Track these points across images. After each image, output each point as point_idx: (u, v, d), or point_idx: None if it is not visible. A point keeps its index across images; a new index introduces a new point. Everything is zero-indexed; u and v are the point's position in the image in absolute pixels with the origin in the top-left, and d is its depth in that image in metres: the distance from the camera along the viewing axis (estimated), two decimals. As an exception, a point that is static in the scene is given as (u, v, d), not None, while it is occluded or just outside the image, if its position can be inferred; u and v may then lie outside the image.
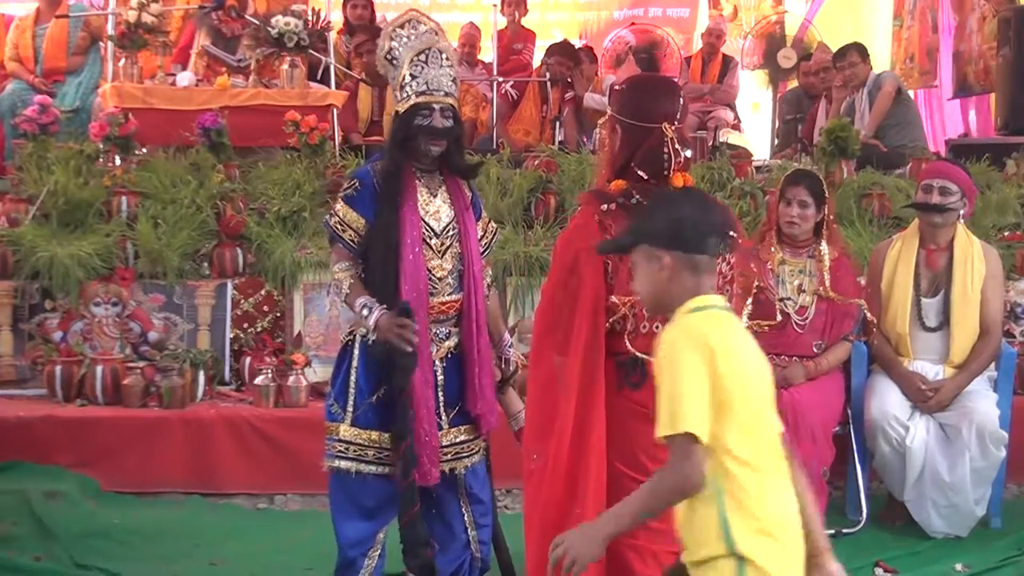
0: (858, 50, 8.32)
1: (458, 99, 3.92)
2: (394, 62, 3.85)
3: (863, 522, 5.07)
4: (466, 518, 4.01)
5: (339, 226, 3.81)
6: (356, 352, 3.84)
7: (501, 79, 8.77)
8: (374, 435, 3.80)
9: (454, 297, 3.87)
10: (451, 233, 3.86)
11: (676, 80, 4.00)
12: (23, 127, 6.77)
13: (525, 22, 10.06)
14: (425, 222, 3.81)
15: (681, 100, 3.39)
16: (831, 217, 5.14)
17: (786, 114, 9.61)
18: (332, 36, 8.02)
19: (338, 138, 7.35)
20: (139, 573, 4.45)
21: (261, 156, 7.02)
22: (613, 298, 3.26)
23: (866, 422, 5.03)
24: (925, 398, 4.95)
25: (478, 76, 9.39)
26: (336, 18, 8.68)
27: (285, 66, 7.38)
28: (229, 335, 6.04)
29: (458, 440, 3.93)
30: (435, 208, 3.86)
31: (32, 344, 5.89)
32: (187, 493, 5.30)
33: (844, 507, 5.23)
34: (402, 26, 3.90)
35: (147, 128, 6.92)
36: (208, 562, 4.57)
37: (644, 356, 3.24)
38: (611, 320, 3.26)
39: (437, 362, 3.87)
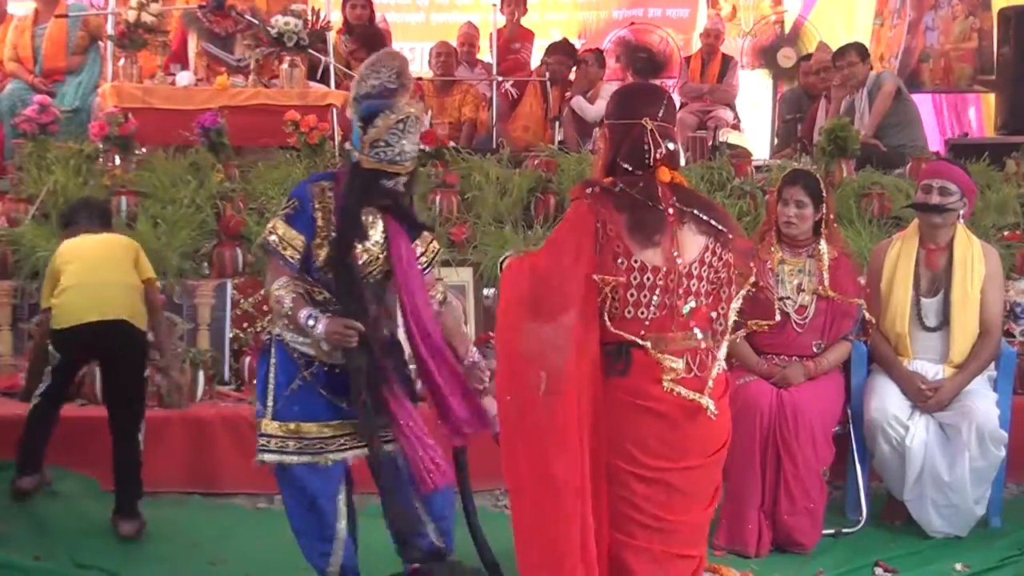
0: (857, 50, 8.33)
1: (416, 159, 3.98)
2: (361, 108, 3.87)
3: (863, 522, 5.07)
4: (419, 507, 4.04)
5: (279, 244, 3.88)
6: (274, 350, 3.97)
7: (501, 78, 8.76)
8: (292, 426, 3.90)
9: None
10: (373, 266, 3.93)
11: (666, 87, 4.06)
12: (23, 127, 6.78)
13: (524, 22, 10.05)
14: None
15: (666, 102, 3.45)
16: (830, 216, 5.13)
17: (786, 114, 9.62)
18: (332, 36, 8.02)
19: (338, 137, 7.34)
20: (139, 573, 4.45)
21: (261, 156, 7.03)
22: (595, 276, 3.27)
23: (866, 422, 5.03)
24: (925, 398, 4.95)
25: (478, 76, 9.39)
26: (336, 18, 8.67)
27: (285, 66, 7.39)
28: (229, 335, 6.04)
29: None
30: (367, 243, 3.94)
31: (32, 344, 5.89)
32: (187, 493, 5.29)
33: (844, 507, 5.23)
34: (371, 66, 3.91)
35: (147, 128, 6.93)
36: (208, 562, 4.57)
37: (631, 341, 3.25)
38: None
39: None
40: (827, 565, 4.65)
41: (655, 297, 3.27)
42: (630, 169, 3.34)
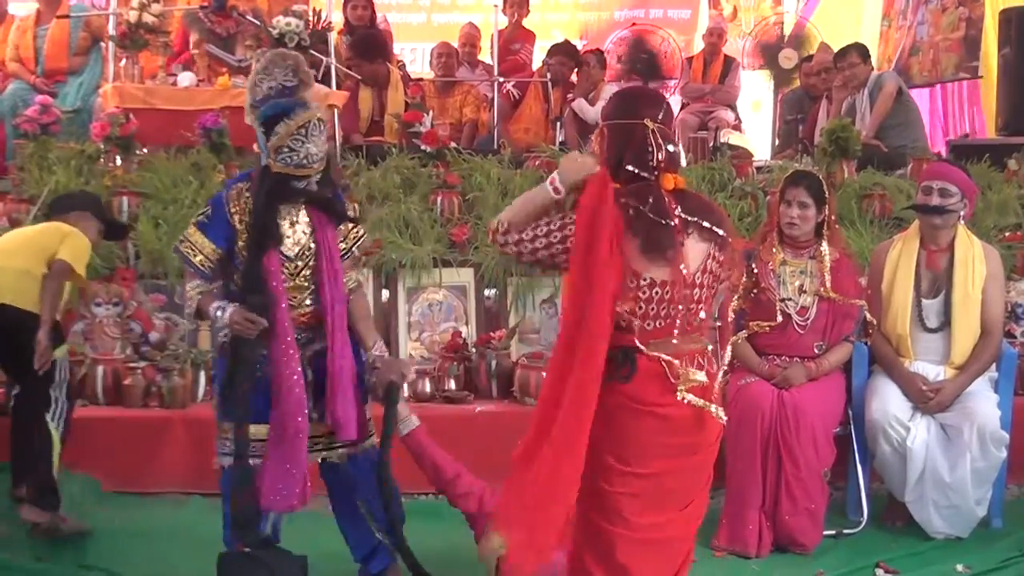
0: (858, 51, 8.33)
1: (327, 154, 3.98)
2: (260, 114, 3.89)
3: (864, 523, 5.07)
4: (361, 509, 4.17)
5: (189, 251, 3.98)
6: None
7: (502, 79, 8.76)
8: (226, 426, 3.98)
9: (310, 309, 4.02)
10: (306, 254, 4.00)
11: (663, 92, 4.08)
12: (24, 127, 6.78)
13: (525, 22, 10.05)
14: (282, 253, 3.95)
15: (665, 105, 3.45)
16: (832, 218, 5.13)
17: (787, 114, 9.62)
18: (333, 37, 8.01)
19: (339, 138, 7.35)
20: (141, 573, 4.46)
21: (262, 156, 7.01)
22: None
23: (867, 423, 5.03)
24: (926, 399, 4.95)
25: (479, 77, 9.39)
26: (337, 19, 8.67)
27: (286, 66, 7.37)
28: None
29: (324, 431, 4.06)
30: (294, 234, 3.99)
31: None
32: (188, 493, 5.29)
33: (845, 508, 5.23)
34: (262, 71, 3.94)
35: (148, 128, 6.93)
36: (209, 562, 4.56)
37: (636, 347, 3.25)
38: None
39: (304, 365, 3.99)
40: (828, 566, 4.65)
41: (662, 309, 3.27)
42: (636, 172, 3.31)
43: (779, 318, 5.00)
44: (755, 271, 5.08)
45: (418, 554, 4.10)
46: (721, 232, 3.35)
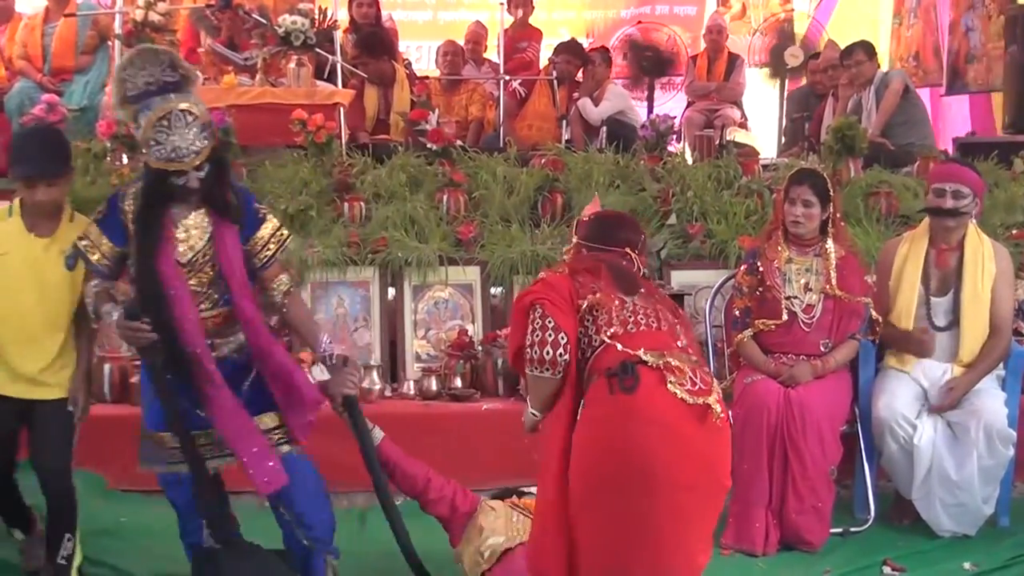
0: (864, 48, 8.31)
1: (209, 147, 3.79)
2: (129, 107, 3.78)
3: (871, 520, 5.07)
4: (287, 516, 4.05)
5: (88, 248, 3.87)
6: None
7: (508, 77, 8.76)
8: (157, 435, 3.96)
9: (216, 311, 3.91)
10: (203, 259, 3.87)
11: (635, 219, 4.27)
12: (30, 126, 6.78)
13: (531, 20, 10.05)
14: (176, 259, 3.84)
15: (643, 234, 3.82)
16: (838, 215, 5.13)
17: (793, 112, 9.61)
18: (339, 35, 8.02)
19: (345, 136, 7.34)
20: (147, 570, 4.48)
21: (268, 155, 7.01)
22: (584, 302, 3.50)
23: (874, 420, 5.02)
24: (929, 348, 5.01)
25: (485, 75, 9.38)
26: (343, 17, 8.68)
27: (292, 65, 7.38)
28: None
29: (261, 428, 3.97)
30: (187, 238, 3.87)
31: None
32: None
33: (852, 506, 5.23)
34: (131, 64, 3.81)
35: (154, 127, 6.92)
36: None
37: (639, 359, 3.31)
38: (590, 316, 3.49)
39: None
40: (835, 564, 4.65)
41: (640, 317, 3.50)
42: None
43: (784, 316, 5.00)
44: (760, 269, 5.08)
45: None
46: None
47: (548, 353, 3.40)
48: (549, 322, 3.40)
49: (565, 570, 3.42)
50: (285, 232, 4.10)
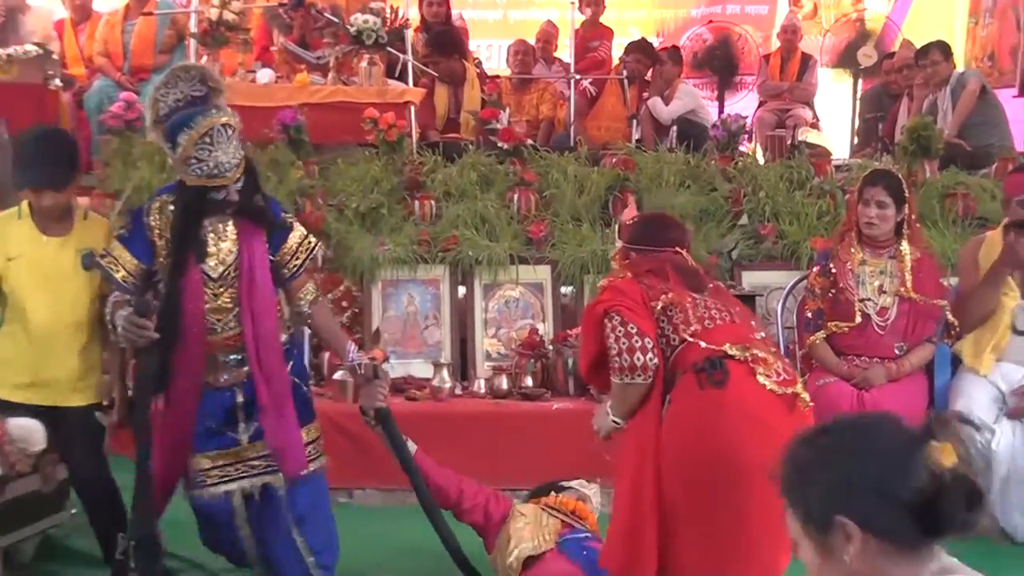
0: (940, 48, 8.19)
1: (243, 160, 3.81)
2: (167, 128, 3.76)
3: (945, 526, 4.99)
4: (297, 540, 3.99)
5: (111, 266, 3.83)
6: None
7: (578, 76, 8.75)
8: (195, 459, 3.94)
9: (238, 330, 3.87)
10: (235, 272, 3.84)
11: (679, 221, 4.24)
12: (109, 123, 6.90)
13: (603, 19, 10.03)
14: (205, 273, 3.82)
15: (689, 232, 3.88)
16: (913, 217, 5.07)
17: (866, 112, 9.50)
18: (410, 34, 8.06)
19: (415, 135, 7.39)
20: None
21: (340, 153, 7.07)
22: (658, 303, 3.50)
23: (950, 425, 4.94)
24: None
25: (555, 74, 9.38)
26: (414, 16, 8.71)
27: (363, 63, 7.44)
28: (308, 331, 6.07)
29: (265, 452, 3.93)
30: (219, 252, 3.84)
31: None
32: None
33: (925, 511, 5.15)
34: (164, 85, 3.84)
35: (228, 125, 7.01)
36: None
37: (725, 353, 3.30)
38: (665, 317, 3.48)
39: (236, 387, 3.91)
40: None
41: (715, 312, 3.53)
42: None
43: (858, 318, 4.95)
44: (833, 271, 5.03)
45: (443, 557, 4.11)
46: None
47: (639, 359, 3.39)
48: (631, 328, 3.40)
49: (656, 567, 3.40)
50: (312, 240, 4.10)
